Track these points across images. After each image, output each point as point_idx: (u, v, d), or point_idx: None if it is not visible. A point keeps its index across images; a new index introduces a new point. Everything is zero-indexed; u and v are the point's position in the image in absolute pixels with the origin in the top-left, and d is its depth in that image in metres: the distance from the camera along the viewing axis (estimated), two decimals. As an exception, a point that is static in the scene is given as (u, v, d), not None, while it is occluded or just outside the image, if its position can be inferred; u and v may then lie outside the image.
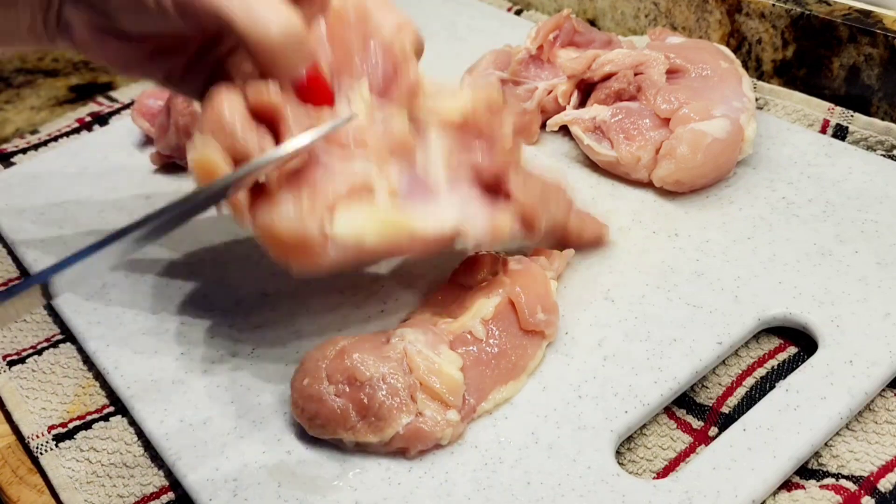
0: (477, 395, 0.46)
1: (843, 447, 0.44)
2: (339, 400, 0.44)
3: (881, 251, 0.53)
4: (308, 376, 0.45)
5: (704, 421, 0.47)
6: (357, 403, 0.44)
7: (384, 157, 0.46)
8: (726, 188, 0.59)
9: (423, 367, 0.45)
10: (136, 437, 0.50)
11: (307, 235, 0.43)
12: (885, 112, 0.65)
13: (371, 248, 0.44)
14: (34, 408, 0.52)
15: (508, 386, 0.47)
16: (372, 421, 0.44)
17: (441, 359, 0.46)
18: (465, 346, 0.47)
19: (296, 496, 0.44)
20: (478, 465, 0.44)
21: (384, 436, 0.44)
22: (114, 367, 0.52)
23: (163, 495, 0.47)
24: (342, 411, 0.44)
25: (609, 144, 0.60)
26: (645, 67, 0.62)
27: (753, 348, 0.50)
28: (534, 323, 0.48)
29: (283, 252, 0.44)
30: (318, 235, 0.43)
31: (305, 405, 0.45)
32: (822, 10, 0.66)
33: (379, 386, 0.44)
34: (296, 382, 0.46)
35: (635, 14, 0.78)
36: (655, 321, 0.50)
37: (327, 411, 0.44)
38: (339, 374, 0.45)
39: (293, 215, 0.43)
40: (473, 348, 0.47)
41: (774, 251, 0.54)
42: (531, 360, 0.48)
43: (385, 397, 0.44)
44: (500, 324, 0.48)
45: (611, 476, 0.43)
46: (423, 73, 0.49)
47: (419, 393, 0.45)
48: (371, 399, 0.44)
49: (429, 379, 0.45)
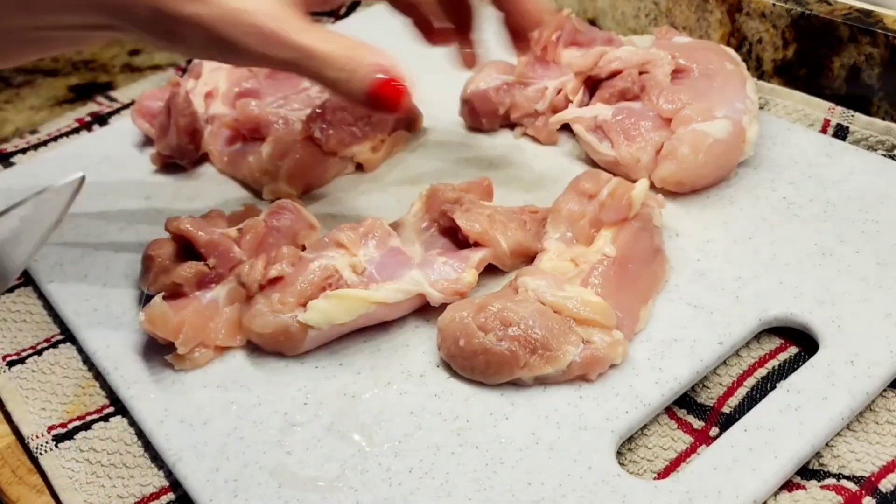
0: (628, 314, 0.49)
1: (844, 447, 0.44)
2: (504, 343, 0.46)
3: (882, 251, 0.52)
4: (461, 337, 0.47)
5: (705, 421, 0.47)
6: (521, 342, 0.46)
7: (356, 245, 0.52)
8: (727, 188, 0.59)
9: (567, 303, 0.48)
10: (136, 437, 0.50)
11: (286, 328, 0.49)
12: (885, 112, 0.64)
13: (347, 324, 0.50)
14: (34, 408, 0.52)
15: (649, 305, 0.50)
16: (542, 353, 0.46)
17: (575, 292, 0.48)
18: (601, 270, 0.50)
19: (296, 497, 0.44)
20: (478, 465, 0.44)
21: (560, 365, 0.46)
22: (114, 367, 0.52)
23: (163, 496, 0.47)
24: (511, 353, 0.46)
25: (610, 144, 0.60)
26: (651, 66, 0.62)
27: (754, 348, 0.50)
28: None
29: (268, 344, 0.50)
30: (295, 326, 0.49)
31: (473, 361, 0.47)
32: (822, 10, 0.66)
33: (534, 322, 0.47)
34: (452, 349, 0.48)
35: (635, 14, 0.78)
36: (656, 321, 0.50)
37: (498, 357, 0.46)
38: (491, 323, 0.47)
39: (266, 315, 0.49)
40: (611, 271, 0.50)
41: (775, 251, 0.54)
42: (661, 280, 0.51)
43: (545, 329, 0.46)
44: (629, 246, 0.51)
45: (612, 476, 0.43)
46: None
47: (575, 326, 0.47)
48: (532, 334, 0.46)
49: (579, 311, 0.47)
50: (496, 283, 0.54)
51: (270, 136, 0.64)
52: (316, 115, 0.64)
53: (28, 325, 0.58)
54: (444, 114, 0.69)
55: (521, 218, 0.55)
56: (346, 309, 0.49)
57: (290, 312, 0.49)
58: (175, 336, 0.50)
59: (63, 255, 0.61)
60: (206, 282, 0.53)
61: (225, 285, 0.53)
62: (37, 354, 0.56)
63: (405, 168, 0.66)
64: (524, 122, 0.67)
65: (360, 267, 0.51)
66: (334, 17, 0.90)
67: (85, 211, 0.64)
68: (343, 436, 0.46)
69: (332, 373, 0.50)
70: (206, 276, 0.53)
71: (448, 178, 0.59)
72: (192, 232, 0.53)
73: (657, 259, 0.52)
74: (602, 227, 0.53)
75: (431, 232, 0.55)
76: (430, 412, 0.47)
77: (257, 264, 0.51)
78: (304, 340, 0.50)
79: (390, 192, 0.64)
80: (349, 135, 0.64)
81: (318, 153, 0.63)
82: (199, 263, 0.53)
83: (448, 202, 0.54)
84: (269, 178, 0.62)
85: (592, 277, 0.50)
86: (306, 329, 0.49)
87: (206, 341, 0.51)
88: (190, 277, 0.52)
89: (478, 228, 0.53)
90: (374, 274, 0.51)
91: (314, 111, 0.64)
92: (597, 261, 0.51)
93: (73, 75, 0.93)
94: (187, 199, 0.65)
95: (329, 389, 0.49)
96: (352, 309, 0.49)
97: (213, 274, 0.53)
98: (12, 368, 0.55)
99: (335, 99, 0.64)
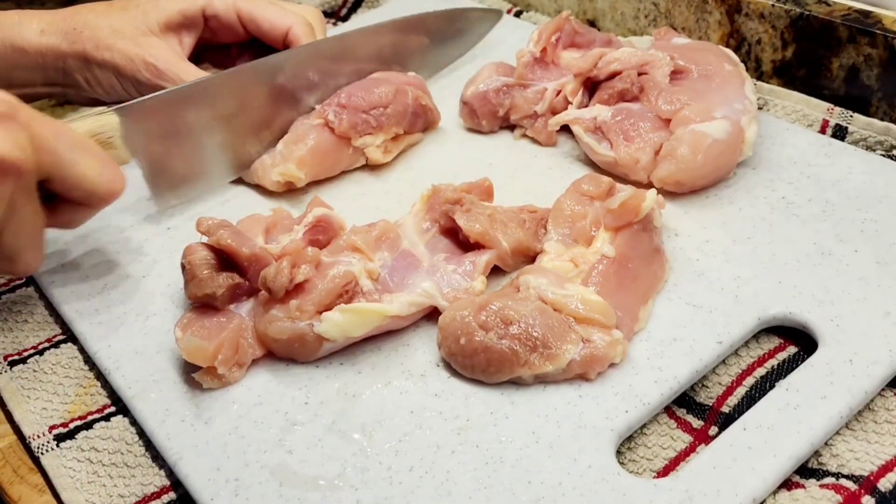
0: (628, 313, 0.49)
1: (843, 446, 0.44)
2: (504, 342, 0.47)
3: (881, 250, 0.53)
4: (462, 335, 0.47)
5: (704, 421, 0.47)
6: (521, 340, 0.47)
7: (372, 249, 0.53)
8: (726, 188, 0.59)
9: (568, 302, 0.47)
10: (137, 436, 0.50)
11: (302, 336, 0.49)
12: (884, 112, 0.65)
13: (359, 336, 0.50)
14: (35, 408, 0.52)
15: (648, 304, 0.50)
16: (542, 352, 0.46)
17: (576, 291, 0.48)
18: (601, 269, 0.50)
19: (297, 496, 0.44)
20: (479, 464, 0.44)
21: (560, 363, 0.46)
22: (115, 367, 0.52)
23: (164, 495, 0.47)
24: (511, 351, 0.46)
25: (608, 145, 0.61)
26: (650, 67, 0.62)
27: (753, 348, 0.50)
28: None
29: (283, 350, 0.50)
30: (311, 335, 0.49)
31: (474, 359, 0.47)
32: (821, 11, 0.66)
33: (535, 321, 0.47)
34: (452, 347, 0.48)
35: (635, 14, 0.78)
36: (655, 320, 0.50)
37: (498, 355, 0.47)
38: (491, 321, 0.47)
39: (283, 321, 0.49)
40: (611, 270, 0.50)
41: (774, 251, 0.54)
42: (661, 280, 0.52)
43: (545, 328, 0.47)
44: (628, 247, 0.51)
45: (611, 475, 0.43)
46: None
47: (575, 325, 0.47)
48: (532, 333, 0.46)
49: (579, 309, 0.48)
50: (496, 282, 0.54)
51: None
52: (331, 100, 0.64)
53: (29, 324, 0.58)
54: (444, 115, 0.69)
55: (521, 217, 0.55)
56: (363, 322, 0.49)
57: (308, 320, 0.49)
58: (213, 360, 0.49)
59: (64, 255, 0.61)
60: (238, 295, 0.52)
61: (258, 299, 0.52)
62: (38, 354, 0.56)
63: (406, 168, 0.66)
64: (524, 123, 0.67)
65: (375, 273, 0.52)
66: (335, 18, 0.90)
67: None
68: (344, 435, 0.46)
69: (332, 372, 0.50)
70: (240, 287, 0.52)
71: (448, 178, 0.60)
72: (234, 247, 0.52)
73: (657, 259, 0.53)
74: (602, 228, 0.53)
75: (433, 232, 0.55)
76: (431, 411, 0.47)
77: (284, 269, 0.49)
78: (318, 350, 0.50)
79: (391, 192, 0.64)
80: (363, 122, 0.64)
81: (331, 139, 0.63)
82: (234, 276, 0.52)
83: (449, 202, 0.55)
84: (281, 160, 0.63)
85: (592, 277, 0.50)
86: (322, 340, 0.49)
87: (241, 360, 0.50)
88: (224, 293, 0.51)
89: (478, 229, 0.53)
90: (388, 279, 0.52)
91: (331, 96, 0.65)
92: (596, 261, 0.51)
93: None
94: (188, 199, 0.65)
95: (330, 389, 0.49)
96: (367, 322, 0.49)
97: (247, 286, 0.52)
98: (14, 368, 0.55)
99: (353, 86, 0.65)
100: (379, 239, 0.54)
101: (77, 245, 0.61)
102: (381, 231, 0.54)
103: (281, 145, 0.64)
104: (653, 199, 0.52)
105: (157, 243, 0.61)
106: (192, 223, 0.55)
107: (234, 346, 0.50)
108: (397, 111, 0.65)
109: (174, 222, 0.63)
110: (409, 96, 0.65)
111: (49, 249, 0.61)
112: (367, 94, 0.64)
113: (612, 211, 0.52)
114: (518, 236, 0.54)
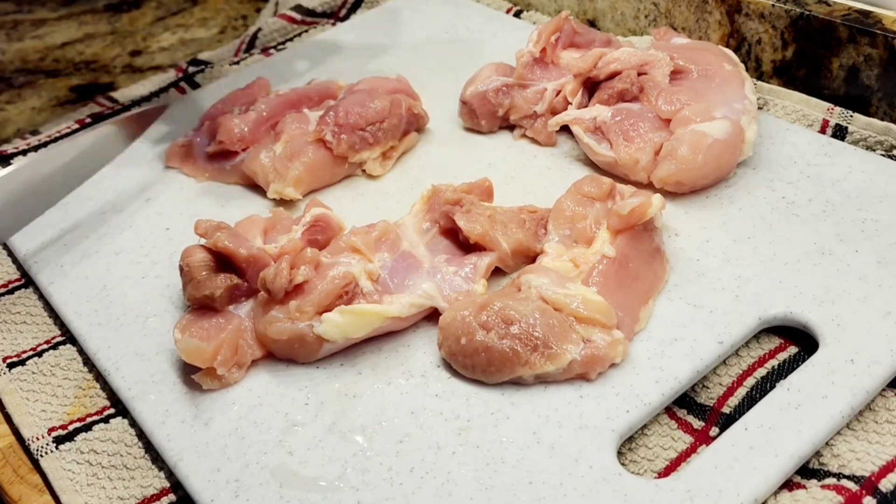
0: (628, 313, 0.49)
1: (845, 447, 0.44)
2: (505, 341, 0.47)
3: (881, 250, 0.53)
4: (463, 335, 0.47)
5: (705, 421, 0.47)
6: (522, 340, 0.46)
7: (371, 250, 0.53)
8: (726, 188, 0.59)
9: (569, 302, 0.48)
10: (137, 438, 0.50)
11: (301, 337, 0.49)
12: (884, 112, 0.65)
13: (359, 337, 0.50)
14: (34, 410, 0.52)
15: (649, 304, 0.50)
16: (543, 352, 0.46)
17: (577, 290, 0.48)
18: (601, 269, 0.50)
19: (297, 497, 0.44)
20: (479, 465, 0.44)
21: (561, 363, 0.46)
22: (115, 368, 0.52)
23: (163, 497, 0.47)
24: (512, 350, 0.46)
25: (608, 145, 0.60)
26: (650, 68, 0.62)
27: (754, 348, 0.50)
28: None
29: (283, 351, 0.50)
30: (311, 336, 0.49)
31: (475, 359, 0.47)
32: (821, 11, 0.66)
33: (535, 321, 0.47)
34: (453, 347, 0.48)
35: (635, 14, 0.78)
36: (656, 321, 0.50)
37: (499, 355, 0.46)
38: (492, 321, 0.47)
39: (283, 322, 0.49)
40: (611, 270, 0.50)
41: (775, 251, 0.54)
42: (661, 280, 0.51)
43: (546, 328, 0.46)
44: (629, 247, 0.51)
45: (612, 475, 0.43)
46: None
47: (576, 325, 0.47)
48: (533, 332, 0.46)
49: (580, 309, 0.48)
50: (497, 282, 0.54)
51: (285, 133, 0.64)
52: (328, 118, 0.64)
53: (28, 326, 0.58)
54: (443, 115, 0.69)
55: (521, 218, 0.55)
56: (363, 324, 0.49)
57: (308, 321, 0.49)
58: (212, 361, 0.49)
59: (63, 256, 0.61)
60: (237, 296, 0.52)
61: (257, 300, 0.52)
62: (37, 356, 0.56)
63: (405, 169, 0.66)
64: (523, 123, 0.67)
65: (375, 274, 0.52)
66: (335, 18, 0.90)
67: (85, 212, 0.64)
68: (344, 436, 0.46)
69: (332, 373, 0.50)
70: (238, 288, 0.52)
71: (448, 179, 0.59)
72: (231, 249, 0.52)
73: (657, 259, 0.52)
74: (602, 228, 0.53)
75: (433, 233, 0.55)
76: (431, 412, 0.47)
77: (283, 270, 0.49)
78: (318, 351, 0.50)
79: (390, 193, 0.64)
80: (360, 139, 0.63)
81: (328, 157, 0.63)
82: (232, 277, 0.52)
83: (449, 203, 0.55)
84: (277, 177, 0.63)
85: (593, 277, 0.50)
86: (322, 341, 0.49)
87: (241, 361, 0.50)
88: (223, 294, 0.51)
89: (479, 230, 0.53)
90: (388, 280, 0.52)
91: (327, 113, 0.64)
92: (597, 261, 0.51)
93: (74, 76, 0.93)
94: (187, 201, 0.65)
95: (330, 389, 0.49)
96: (368, 324, 0.50)
97: (246, 288, 0.52)
98: (12, 370, 0.55)
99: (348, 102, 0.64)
100: (379, 240, 0.54)
101: (76, 246, 0.61)
102: (381, 232, 0.54)
103: (278, 161, 0.63)
104: (659, 204, 0.52)
105: (156, 245, 0.61)
106: (190, 225, 0.55)
107: (234, 347, 0.50)
108: (393, 125, 0.65)
109: (172, 224, 0.63)
110: (403, 107, 0.65)
111: (48, 250, 0.61)
112: (363, 110, 0.64)
113: (620, 216, 0.51)
114: (518, 237, 0.54)
